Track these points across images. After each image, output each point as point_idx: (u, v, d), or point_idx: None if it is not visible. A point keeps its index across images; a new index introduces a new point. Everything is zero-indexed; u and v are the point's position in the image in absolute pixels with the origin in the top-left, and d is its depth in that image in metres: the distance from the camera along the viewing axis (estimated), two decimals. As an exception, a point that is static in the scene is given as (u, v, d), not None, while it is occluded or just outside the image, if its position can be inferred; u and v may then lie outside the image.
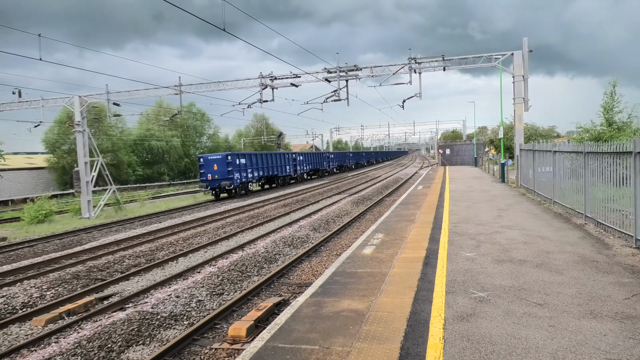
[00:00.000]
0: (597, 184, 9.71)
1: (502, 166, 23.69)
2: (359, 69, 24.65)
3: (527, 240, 8.92)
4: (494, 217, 11.95)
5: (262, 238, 14.07)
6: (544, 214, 12.14)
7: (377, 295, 6.06)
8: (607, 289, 5.85)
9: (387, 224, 11.61)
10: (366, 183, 35.69)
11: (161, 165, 56.45)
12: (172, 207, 25.49)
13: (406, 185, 31.95)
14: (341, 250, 11.91)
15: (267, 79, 26.41)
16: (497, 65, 21.67)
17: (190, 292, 8.84)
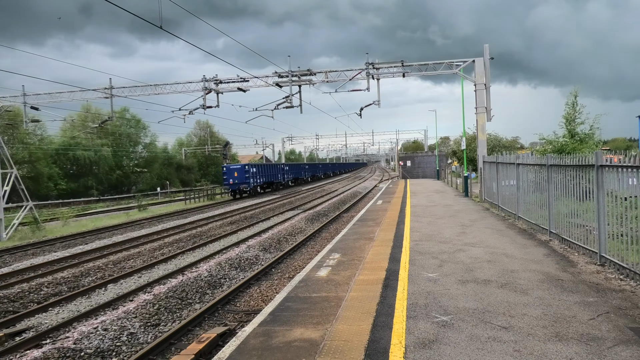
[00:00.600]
0: (561, 198, 10.16)
1: (465, 179, 24.50)
2: (312, 73, 24.95)
3: (491, 258, 9.21)
4: (457, 233, 12.26)
5: (205, 260, 13.82)
6: (509, 230, 12.59)
7: (333, 322, 6.04)
8: (572, 309, 6.10)
9: (344, 243, 11.66)
10: (322, 197, 35.85)
11: (89, 178, 54.13)
12: (102, 226, 24.55)
13: (365, 199, 32.37)
14: (294, 273, 11.85)
15: (211, 83, 26.17)
16: (458, 72, 22.55)
17: (121, 323, 8.55)
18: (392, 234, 12.68)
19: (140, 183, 61.40)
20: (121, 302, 10.07)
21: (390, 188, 34.86)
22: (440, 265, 8.77)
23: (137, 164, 63.83)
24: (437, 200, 22.30)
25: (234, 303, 9.80)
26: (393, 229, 13.59)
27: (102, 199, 48.92)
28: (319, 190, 44.11)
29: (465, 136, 26.50)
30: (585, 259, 8.81)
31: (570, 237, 9.77)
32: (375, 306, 6.53)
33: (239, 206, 31.51)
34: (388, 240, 11.65)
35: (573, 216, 9.59)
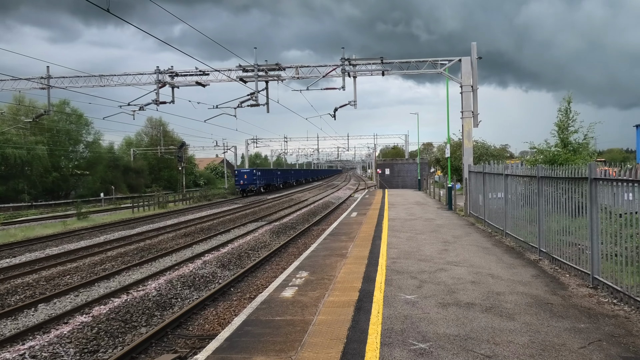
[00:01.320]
0: (552, 213, 10.39)
1: (449, 190, 24.89)
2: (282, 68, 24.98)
3: (475, 279, 9.35)
4: (439, 251, 12.43)
5: (154, 277, 13.66)
6: (495, 247, 12.83)
7: (298, 350, 6.00)
8: (562, 337, 6.22)
9: (314, 260, 11.68)
10: (290, 208, 35.88)
11: (19, 180, 52.22)
12: (33, 236, 23.93)
13: (338, 211, 32.52)
14: (256, 293, 11.79)
15: (165, 75, 25.90)
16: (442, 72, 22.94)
17: (53, 349, 8.33)
18: (367, 250, 12.76)
19: (80, 187, 59.85)
20: (54, 325, 9.85)
21: (366, 199, 35.13)
22: (420, 286, 8.84)
23: (77, 165, 62.13)
24: (417, 214, 22.53)
25: (186, 327, 9.70)
26: (368, 244, 13.68)
27: (35, 205, 47.28)
28: (287, 200, 44.17)
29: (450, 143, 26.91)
30: (576, 281, 8.98)
31: (561, 257, 9.99)
32: (346, 331, 6.53)
33: (194, 216, 31.27)
34: (362, 258, 11.71)
35: (564, 233, 9.79)
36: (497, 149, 43.08)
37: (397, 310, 7.42)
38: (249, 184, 54.93)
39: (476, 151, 36.37)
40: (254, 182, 55.57)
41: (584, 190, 8.77)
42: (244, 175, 55.25)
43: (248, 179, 55.05)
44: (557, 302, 7.71)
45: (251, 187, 55.11)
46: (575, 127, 18.75)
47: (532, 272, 9.89)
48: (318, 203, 38.73)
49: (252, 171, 55.78)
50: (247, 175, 55.15)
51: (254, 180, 55.51)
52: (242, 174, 55.34)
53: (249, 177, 55.12)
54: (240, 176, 55.44)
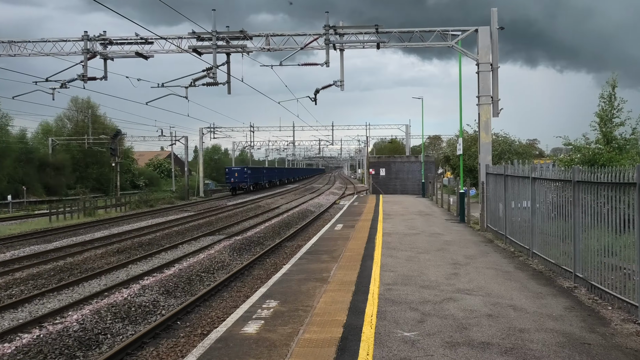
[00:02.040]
0: (592, 228, 10.45)
1: (462, 197, 25.04)
2: (248, 37, 24.91)
3: (493, 311, 9.40)
4: (447, 275, 12.50)
5: (76, 307, 13.56)
6: (519, 271, 12.95)
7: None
8: (602, 387, 6.25)
9: (286, 286, 11.67)
10: (256, 217, 35.88)
11: None
12: None
13: (319, 222, 32.53)
14: (210, 328, 11.74)
15: (96, 43, 25.65)
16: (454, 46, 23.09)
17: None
18: (354, 273, 12.77)
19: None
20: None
21: (355, 207, 35.22)
22: (422, 321, 8.85)
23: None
24: (420, 227, 22.62)
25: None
26: (356, 266, 13.68)
27: None
28: (252, 207, 44.15)
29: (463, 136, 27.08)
30: (621, 315, 9.02)
31: (602, 284, 10.08)
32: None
33: (131, 227, 31.04)
34: (348, 283, 11.71)
35: (607, 254, 9.83)
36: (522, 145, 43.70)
37: (393, 352, 7.40)
38: (240, 182, 70.11)
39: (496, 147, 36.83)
40: (245, 181, 70.45)
41: (632, 200, 8.81)
42: (234, 173, 70.30)
43: (239, 177, 70.02)
44: (597, 343, 7.75)
45: (242, 185, 70.35)
46: (622, 119, 18.94)
47: (565, 303, 9.96)
48: (293, 212, 38.75)
49: (243, 169, 72.40)
50: (238, 174, 70.44)
51: (245, 179, 70.45)
52: (233, 172, 70.80)
53: (240, 176, 70.13)
54: (231, 174, 70.56)
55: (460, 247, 16.91)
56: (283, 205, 46.07)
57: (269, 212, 39.66)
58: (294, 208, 42.40)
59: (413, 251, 16.02)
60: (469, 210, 24.65)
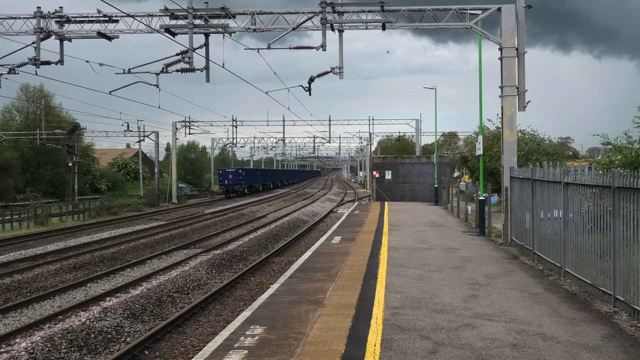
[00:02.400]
0: (636, 242, 10.44)
1: (481, 206, 25.01)
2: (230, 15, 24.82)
3: (518, 340, 9.39)
4: (464, 297, 12.51)
5: (25, 333, 13.43)
6: (549, 293, 12.96)
7: None
8: None
9: (274, 309, 11.67)
10: (239, 228, 36.03)
11: None
12: None
13: (313, 234, 32.55)
14: (183, 358, 11.72)
15: (51, 21, 25.55)
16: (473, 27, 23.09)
17: None
18: (354, 294, 12.77)
19: None
20: None
21: (355, 216, 35.34)
22: (434, 351, 8.84)
23: None
24: (433, 240, 22.67)
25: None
26: (357, 286, 13.68)
27: None
28: (235, 215, 44.12)
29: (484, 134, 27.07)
30: (669, 346, 9.07)
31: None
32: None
33: (91, 238, 30.99)
34: (348, 306, 11.71)
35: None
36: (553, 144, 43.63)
37: (399, 389, 7.38)
38: (234, 184, 77.80)
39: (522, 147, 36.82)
40: (240, 183, 78.33)
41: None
42: (228, 175, 78.14)
43: (233, 179, 77.84)
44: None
45: (236, 187, 78.05)
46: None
47: (603, 330, 9.95)
48: (282, 221, 38.77)
49: (237, 171, 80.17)
50: (233, 175, 78.19)
51: (239, 181, 78.27)
52: (227, 174, 78.42)
53: (235, 177, 77.99)
54: (225, 176, 78.32)
55: (480, 264, 16.92)
56: (272, 213, 46.17)
57: (254, 222, 39.71)
58: (284, 217, 42.37)
59: (424, 269, 16.02)
60: (489, 221, 24.59)
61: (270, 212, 48.29)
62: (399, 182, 58.52)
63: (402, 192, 57.61)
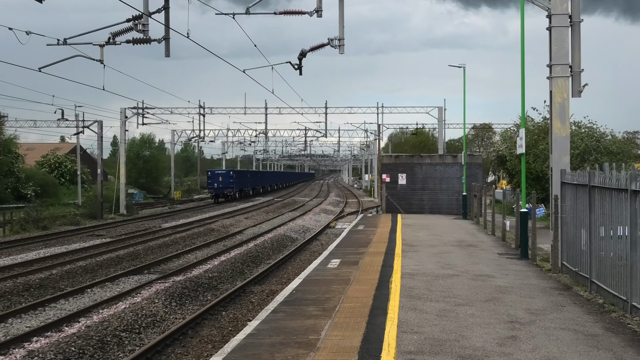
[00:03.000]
0: None
1: (524, 219, 24.94)
2: (199, -32, 24.77)
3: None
4: (500, 340, 12.50)
5: None
6: (611, 335, 12.92)
7: None
8: None
9: (252, 353, 11.68)
10: (208, 247, 36.22)
11: None
12: None
13: (304, 255, 32.78)
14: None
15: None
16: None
17: None
18: (357, 335, 12.78)
19: None
20: None
21: (360, 232, 35.50)
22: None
23: None
24: (459, 264, 22.75)
25: None
26: (361, 324, 13.69)
27: None
28: (204, 230, 44.20)
29: (526, 126, 27.00)
30: None
31: None
32: None
33: (13, 260, 30.62)
34: (348, 351, 11.71)
35: None
36: (616, 140, 43.55)
37: None
38: (225, 188, 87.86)
39: (577, 144, 36.80)
40: (230, 186, 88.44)
41: None
42: (218, 178, 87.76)
43: (224, 182, 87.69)
44: None
45: (227, 191, 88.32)
46: None
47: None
48: (264, 239, 38.80)
49: (228, 173, 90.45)
50: (223, 178, 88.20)
51: (231, 184, 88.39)
52: (217, 176, 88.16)
53: (225, 180, 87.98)
54: (214, 178, 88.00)
55: (521, 296, 16.87)
56: (250, 229, 46.42)
57: (226, 239, 40.00)
58: (266, 233, 42.57)
59: (448, 302, 15.99)
60: (534, 240, 24.54)
61: (248, 226, 48.52)
62: (416, 188, 58.24)
63: (419, 201, 57.39)
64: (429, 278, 19.57)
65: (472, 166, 55.36)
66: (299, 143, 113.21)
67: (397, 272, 20.77)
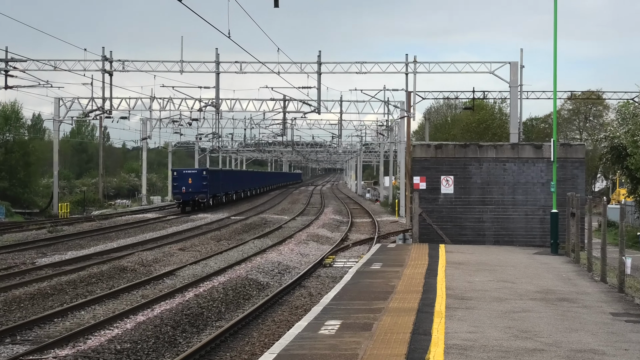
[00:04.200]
0: None
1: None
2: None
3: None
4: None
5: None
6: None
7: None
8: None
9: None
10: (116, 299, 36.36)
11: None
12: None
13: (279, 312, 33.04)
14: None
15: None
16: None
17: None
18: None
19: None
20: None
21: (374, 275, 35.54)
22: None
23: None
24: (545, 330, 22.66)
25: None
26: None
27: None
28: (110, 269, 44.16)
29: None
30: None
31: None
32: None
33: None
34: None
35: None
36: None
37: None
38: (196, 193, 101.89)
39: None
40: (203, 191, 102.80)
41: None
42: (187, 179, 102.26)
43: (195, 184, 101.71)
44: None
45: (199, 197, 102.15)
46: None
47: None
48: (213, 284, 38.81)
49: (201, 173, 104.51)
50: (194, 179, 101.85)
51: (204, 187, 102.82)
52: (185, 177, 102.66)
53: (197, 183, 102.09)
54: (182, 180, 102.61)
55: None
56: (186, 269, 46.61)
57: (147, 286, 40.25)
58: (215, 275, 42.90)
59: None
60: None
61: (184, 263, 49.05)
62: (470, 200, 57.16)
63: (477, 223, 56.53)
64: (493, 356, 19.55)
65: (568, 164, 54.96)
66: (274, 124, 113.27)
67: (437, 344, 20.63)
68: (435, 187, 57.01)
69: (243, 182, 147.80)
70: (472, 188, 56.81)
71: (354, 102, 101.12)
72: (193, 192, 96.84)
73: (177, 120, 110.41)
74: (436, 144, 65.92)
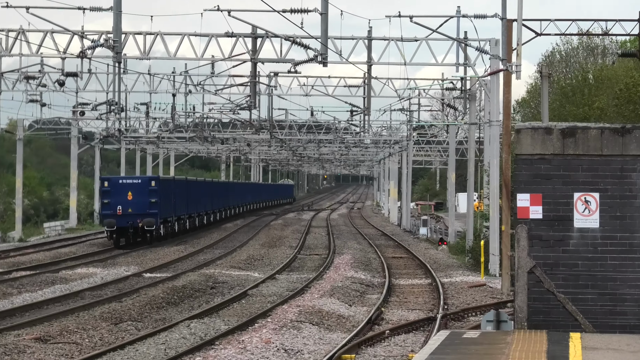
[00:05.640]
0: None
1: None
2: None
3: None
4: None
5: None
6: None
7: None
8: None
9: None
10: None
11: None
12: None
13: None
14: None
15: None
16: None
17: None
18: None
19: None
20: None
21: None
22: None
23: None
24: None
25: None
26: None
27: None
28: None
29: None
30: None
31: None
32: None
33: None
34: None
35: None
36: None
37: None
38: (139, 216, 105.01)
39: None
40: (152, 213, 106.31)
41: None
42: (126, 193, 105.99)
43: (137, 201, 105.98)
44: None
45: (144, 222, 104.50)
46: None
47: None
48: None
49: (147, 183, 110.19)
50: (135, 194, 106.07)
51: (152, 206, 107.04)
52: (123, 190, 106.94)
53: (140, 199, 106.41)
54: (116, 195, 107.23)
55: None
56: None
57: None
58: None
59: None
60: None
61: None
62: (635, 243, 51.72)
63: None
64: None
65: None
66: (234, 85, 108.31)
67: None
68: (562, 215, 50.93)
69: (206, 199, 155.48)
70: (635, 215, 50.76)
71: (395, 41, 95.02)
72: (135, 213, 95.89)
73: (37, 76, 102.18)
74: (564, 126, 59.53)
